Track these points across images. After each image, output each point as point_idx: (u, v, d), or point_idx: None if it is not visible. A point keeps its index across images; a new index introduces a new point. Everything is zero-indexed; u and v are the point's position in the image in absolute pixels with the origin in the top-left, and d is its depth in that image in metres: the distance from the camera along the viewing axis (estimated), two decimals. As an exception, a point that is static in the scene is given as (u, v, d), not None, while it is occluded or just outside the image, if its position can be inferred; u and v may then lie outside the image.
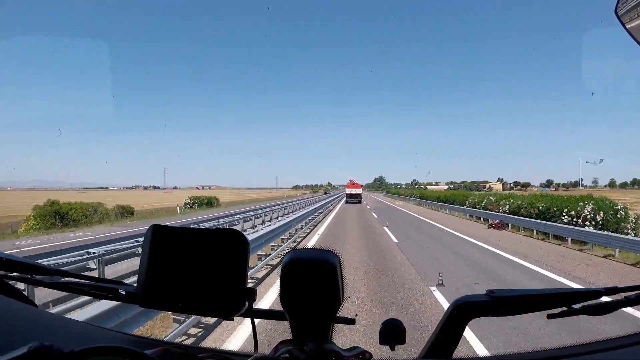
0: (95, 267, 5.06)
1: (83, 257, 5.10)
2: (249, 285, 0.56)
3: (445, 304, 3.85)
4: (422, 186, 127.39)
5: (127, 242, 6.41)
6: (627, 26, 0.78)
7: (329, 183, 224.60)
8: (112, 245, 6.02)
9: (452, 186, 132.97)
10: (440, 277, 6.18)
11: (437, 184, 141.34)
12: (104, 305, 2.43)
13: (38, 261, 0.71)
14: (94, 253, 5.21)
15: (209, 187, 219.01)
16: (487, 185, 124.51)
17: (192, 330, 3.96)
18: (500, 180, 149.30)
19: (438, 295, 5.50)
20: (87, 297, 3.48)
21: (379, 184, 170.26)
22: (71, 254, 5.21)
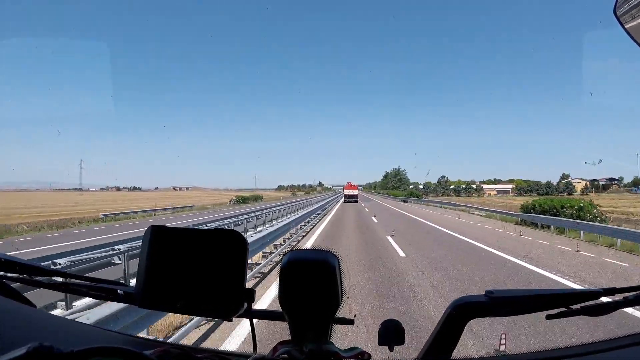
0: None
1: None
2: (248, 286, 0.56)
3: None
4: (473, 186, 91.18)
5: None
6: (626, 26, 0.78)
7: (320, 183, 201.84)
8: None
9: (510, 187, 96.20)
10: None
11: (470, 183, 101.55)
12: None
13: (41, 263, 0.71)
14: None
15: (187, 188, 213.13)
16: (585, 184, 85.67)
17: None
18: (564, 176, 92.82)
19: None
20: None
21: (396, 183, 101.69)
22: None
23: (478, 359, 0.95)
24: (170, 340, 3.40)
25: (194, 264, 0.55)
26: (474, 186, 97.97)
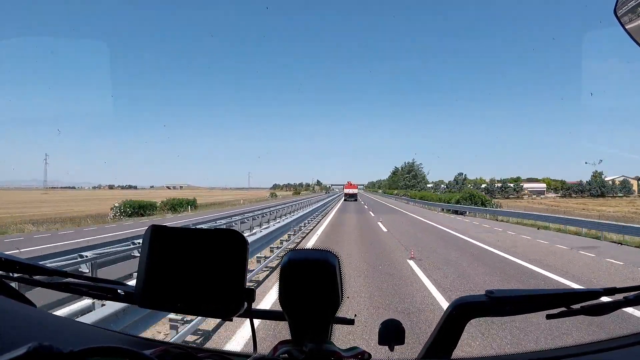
0: (87, 271, 4.92)
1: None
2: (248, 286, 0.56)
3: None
4: (510, 185, 71.89)
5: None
6: (627, 27, 0.78)
7: (318, 182, 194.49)
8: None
9: (543, 186, 77.24)
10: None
11: (492, 181, 77.99)
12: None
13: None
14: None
15: (180, 187, 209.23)
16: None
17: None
18: (596, 174, 70.01)
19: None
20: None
21: (410, 180, 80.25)
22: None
23: (478, 359, 0.95)
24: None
25: (194, 264, 0.55)
26: (512, 185, 71.79)
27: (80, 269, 4.95)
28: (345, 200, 47.22)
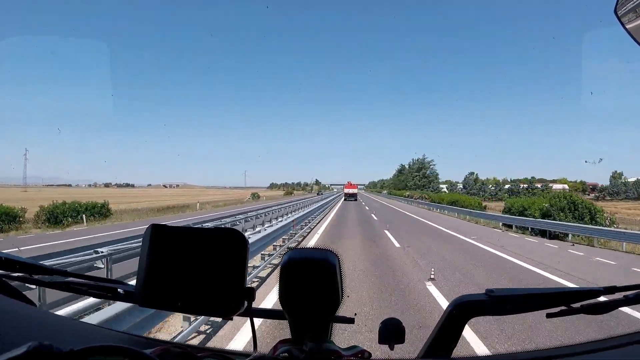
0: (102, 266, 5.13)
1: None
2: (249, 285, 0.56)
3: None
4: (537, 185, 62.34)
5: (82, 253, 6.03)
6: (627, 26, 0.78)
7: (317, 181, 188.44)
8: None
9: (562, 187, 61.70)
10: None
11: (504, 181, 71.20)
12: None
13: (40, 261, 0.71)
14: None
15: (177, 185, 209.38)
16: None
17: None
18: (616, 175, 63.79)
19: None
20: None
21: (420, 180, 71.40)
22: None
23: (478, 358, 0.95)
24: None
25: (194, 263, 0.55)
26: (539, 186, 63.25)
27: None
28: (345, 199, 48.04)
